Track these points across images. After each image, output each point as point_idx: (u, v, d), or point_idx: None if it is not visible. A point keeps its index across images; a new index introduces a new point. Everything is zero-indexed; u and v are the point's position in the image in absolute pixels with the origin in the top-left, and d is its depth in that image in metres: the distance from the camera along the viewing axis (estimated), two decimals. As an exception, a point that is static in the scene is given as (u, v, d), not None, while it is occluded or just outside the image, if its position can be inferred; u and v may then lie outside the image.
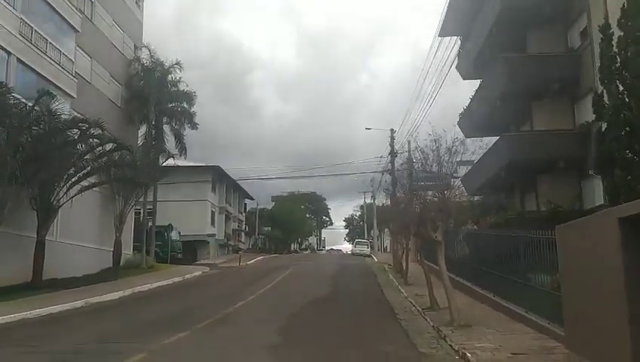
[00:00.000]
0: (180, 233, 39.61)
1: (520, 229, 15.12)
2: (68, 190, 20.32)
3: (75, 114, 21.63)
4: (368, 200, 78.61)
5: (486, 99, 23.91)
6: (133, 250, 30.57)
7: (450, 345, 10.76)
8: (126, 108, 29.72)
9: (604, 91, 12.16)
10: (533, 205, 22.06)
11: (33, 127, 18.02)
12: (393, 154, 31.57)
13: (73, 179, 20.45)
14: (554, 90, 21.03)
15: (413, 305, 17.18)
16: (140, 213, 34.46)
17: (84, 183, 21.44)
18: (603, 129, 12.28)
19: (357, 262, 41.97)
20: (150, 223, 33.66)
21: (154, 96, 30.36)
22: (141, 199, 29.62)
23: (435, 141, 13.43)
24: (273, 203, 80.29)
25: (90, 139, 20.56)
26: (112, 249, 26.31)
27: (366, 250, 55.97)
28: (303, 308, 16.29)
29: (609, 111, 11.69)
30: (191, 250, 45.76)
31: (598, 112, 12.42)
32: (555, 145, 19.92)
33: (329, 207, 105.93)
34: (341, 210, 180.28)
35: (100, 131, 21.11)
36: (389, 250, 60.95)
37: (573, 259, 8.17)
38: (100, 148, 21.66)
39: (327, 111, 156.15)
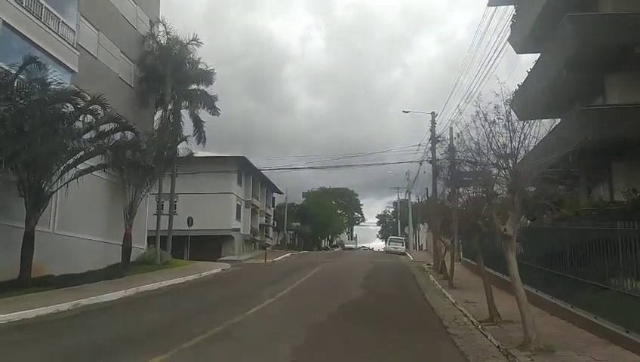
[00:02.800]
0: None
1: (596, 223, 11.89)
2: (62, 174, 17.71)
3: (76, 89, 18.97)
4: (402, 196, 75.42)
5: (546, 72, 20.44)
6: (148, 244, 28.00)
7: (537, 384, 7.59)
8: (139, 88, 27.12)
9: None
10: (603, 197, 18.46)
11: (17, 99, 15.41)
12: (434, 139, 28.08)
13: (69, 162, 17.82)
14: (633, 56, 17.41)
15: (466, 316, 13.96)
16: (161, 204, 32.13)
17: (82, 167, 18.78)
18: None
19: (391, 260, 38.66)
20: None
21: (170, 76, 27.68)
22: (155, 189, 26.91)
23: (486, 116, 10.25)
24: (304, 199, 77.58)
25: (88, 116, 17.87)
26: (122, 243, 23.72)
27: (400, 247, 52.66)
28: (329, 316, 13.22)
29: None
30: (214, 245, 43.35)
31: None
32: (636, 122, 16.38)
33: (361, 203, 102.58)
34: (373, 208, 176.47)
35: (100, 108, 18.42)
36: (424, 248, 57.44)
37: None
38: (101, 127, 18.95)
39: (359, 105, 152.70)
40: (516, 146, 9.92)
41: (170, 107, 29.58)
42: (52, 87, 16.42)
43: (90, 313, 13.71)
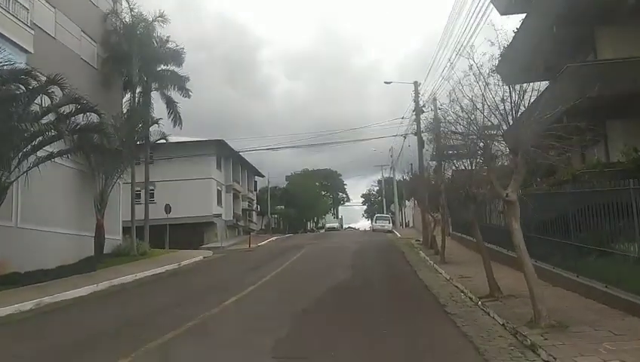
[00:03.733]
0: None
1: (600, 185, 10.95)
2: (20, 162, 16.28)
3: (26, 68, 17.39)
4: (386, 174, 74.58)
5: (534, 32, 19.31)
6: (124, 234, 26.63)
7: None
8: (104, 69, 25.45)
9: None
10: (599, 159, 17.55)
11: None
12: (418, 110, 26.86)
13: (27, 149, 16.38)
14: (626, 6, 16.41)
15: (463, 292, 12.98)
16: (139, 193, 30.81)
17: (43, 154, 17.34)
18: None
19: (379, 238, 37.71)
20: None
21: (137, 55, 26.09)
22: (128, 176, 25.48)
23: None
24: (287, 182, 76.30)
25: (46, 99, 16.40)
26: (94, 235, 22.37)
27: (387, 225, 51.73)
28: (315, 302, 12.12)
29: None
30: (196, 232, 42.05)
31: None
32: (634, 77, 15.41)
33: (345, 183, 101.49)
34: (358, 188, 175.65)
35: (59, 90, 16.94)
36: (411, 224, 56.71)
37: None
38: (63, 111, 17.47)
39: (339, 85, 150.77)
40: (516, 100, 8.84)
41: (139, 89, 28.07)
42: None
43: (55, 312, 12.47)
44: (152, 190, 41.54)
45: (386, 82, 30.77)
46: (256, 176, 61.29)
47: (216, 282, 17.15)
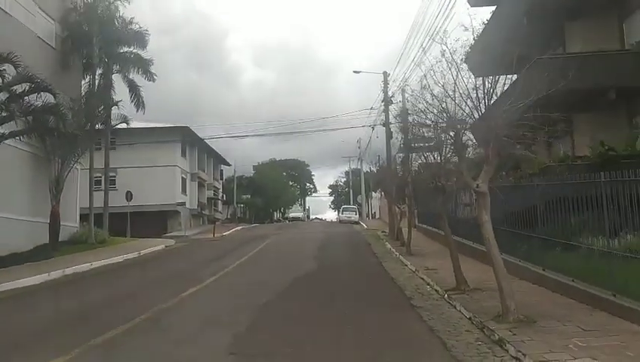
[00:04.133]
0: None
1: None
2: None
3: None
4: (354, 166, 74.49)
5: (504, 24, 19.15)
6: (82, 221, 25.61)
7: (525, 366, 6.31)
8: (63, 49, 24.29)
9: None
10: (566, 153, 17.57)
11: None
12: (387, 100, 26.57)
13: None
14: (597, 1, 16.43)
15: (429, 285, 12.75)
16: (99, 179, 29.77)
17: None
18: None
19: (345, 229, 37.49)
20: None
21: (97, 36, 25.00)
22: (86, 161, 24.48)
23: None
24: (254, 172, 75.38)
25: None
26: (49, 221, 21.41)
27: (354, 216, 51.62)
28: (278, 295, 11.68)
29: None
30: (160, 221, 41.08)
31: None
32: (603, 71, 15.43)
33: (313, 173, 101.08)
34: (325, 179, 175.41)
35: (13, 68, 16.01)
36: (378, 216, 56.76)
37: None
38: (13, 89, 16.52)
39: (307, 75, 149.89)
40: (488, 88, 8.55)
41: (99, 71, 27.00)
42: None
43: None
44: (114, 176, 40.38)
45: (355, 71, 30.89)
46: (222, 165, 60.32)
47: (175, 272, 16.54)
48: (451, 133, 9.23)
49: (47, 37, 23.31)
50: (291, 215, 64.15)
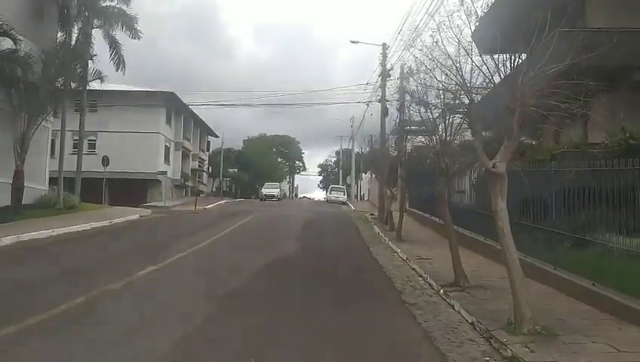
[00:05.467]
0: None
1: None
2: None
3: None
4: (345, 146, 72.81)
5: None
6: (51, 185, 23.90)
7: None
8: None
9: None
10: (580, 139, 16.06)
11: None
12: (385, 74, 24.83)
13: None
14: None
15: (421, 277, 11.28)
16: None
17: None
18: None
19: (333, 210, 36.02)
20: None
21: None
22: (53, 120, 22.64)
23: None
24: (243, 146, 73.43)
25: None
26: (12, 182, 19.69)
27: (342, 196, 50.15)
28: (248, 280, 10.16)
29: None
30: (140, 190, 39.40)
31: None
32: (631, 49, 13.92)
33: (303, 152, 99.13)
34: (316, 159, 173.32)
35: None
36: (366, 198, 55.35)
37: None
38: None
39: (303, 51, 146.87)
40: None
41: (79, 25, 25.04)
42: None
43: None
44: (94, 140, 38.71)
45: (352, 41, 28.77)
46: (210, 136, 58.42)
47: (141, 246, 15.00)
48: (465, 101, 7.65)
49: (18, -19, 21.30)
50: (264, 191, 51.86)
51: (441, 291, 9.52)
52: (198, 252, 13.47)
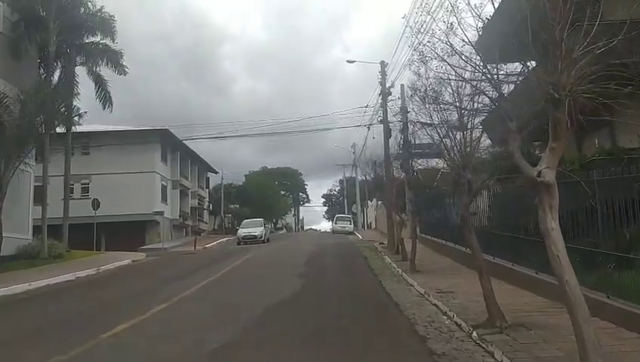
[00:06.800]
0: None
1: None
2: None
3: None
4: (348, 174, 71.26)
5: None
6: (36, 234, 22.28)
7: None
8: (13, 35, 21.08)
9: None
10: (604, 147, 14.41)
11: None
12: (385, 93, 23.38)
13: None
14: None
15: (446, 315, 9.52)
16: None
17: None
18: None
19: (339, 241, 34.19)
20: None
21: (55, 21, 21.86)
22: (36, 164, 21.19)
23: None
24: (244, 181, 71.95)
25: None
26: (-12, 232, 18.12)
27: (348, 226, 48.28)
28: (245, 330, 8.46)
29: None
30: (137, 232, 37.75)
31: None
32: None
33: (306, 183, 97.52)
34: (319, 190, 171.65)
35: None
36: (374, 226, 53.52)
37: None
38: None
39: (300, 85, 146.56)
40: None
41: (62, 63, 23.92)
42: None
43: None
44: (87, 183, 37.36)
45: (348, 61, 29.84)
46: (209, 173, 56.99)
47: (122, 296, 13.25)
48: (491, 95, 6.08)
49: (-7, 19, 20.19)
50: (242, 232, 37.72)
51: (474, 334, 7.80)
52: (183, 300, 11.70)
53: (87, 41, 25.07)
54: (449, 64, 6.74)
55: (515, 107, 6.08)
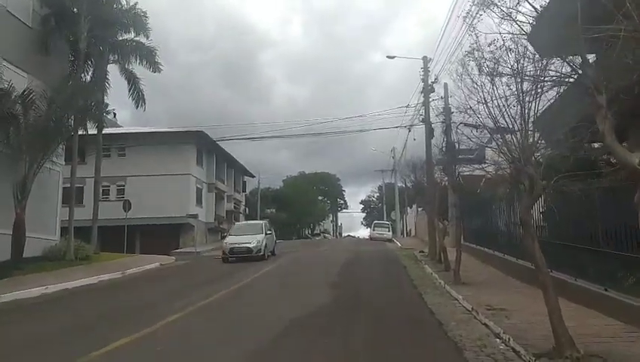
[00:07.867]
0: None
1: None
2: None
3: None
4: (387, 180, 69.50)
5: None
6: (63, 235, 21.69)
7: None
8: (43, 30, 20.55)
9: None
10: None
11: None
12: (427, 90, 21.82)
13: None
14: None
15: (500, 338, 8.03)
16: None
17: None
18: None
19: (377, 248, 32.69)
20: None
21: (86, 17, 21.29)
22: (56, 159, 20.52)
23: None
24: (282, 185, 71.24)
25: None
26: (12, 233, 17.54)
27: (387, 233, 46.65)
28: (262, 350, 7.21)
29: None
30: (171, 235, 37.26)
31: None
32: None
33: (344, 189, 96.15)
34: (357, 196, 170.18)
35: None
36: (413, 233, 51.69)
37: None
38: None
39: (340, 90, 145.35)
40: None
41: (92, 60, 23.41)
42: None
43: None
44: (122, 185, 37.12)
45: (388, 57, 26.20)
46: (246, 177, 56.34)
47: (142, 302, 12.28)
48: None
49: (20, 13, 19.68)
50: (228, 242, 24.34)
51: (541, 366, 6.34)
52: (204, 308, 10.62)
53: (120, 38, 24.50)
54: (515, 21, 5.33)
55: (606, 75, 4.66)
